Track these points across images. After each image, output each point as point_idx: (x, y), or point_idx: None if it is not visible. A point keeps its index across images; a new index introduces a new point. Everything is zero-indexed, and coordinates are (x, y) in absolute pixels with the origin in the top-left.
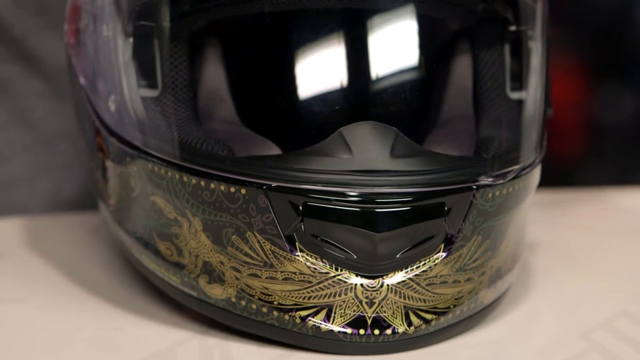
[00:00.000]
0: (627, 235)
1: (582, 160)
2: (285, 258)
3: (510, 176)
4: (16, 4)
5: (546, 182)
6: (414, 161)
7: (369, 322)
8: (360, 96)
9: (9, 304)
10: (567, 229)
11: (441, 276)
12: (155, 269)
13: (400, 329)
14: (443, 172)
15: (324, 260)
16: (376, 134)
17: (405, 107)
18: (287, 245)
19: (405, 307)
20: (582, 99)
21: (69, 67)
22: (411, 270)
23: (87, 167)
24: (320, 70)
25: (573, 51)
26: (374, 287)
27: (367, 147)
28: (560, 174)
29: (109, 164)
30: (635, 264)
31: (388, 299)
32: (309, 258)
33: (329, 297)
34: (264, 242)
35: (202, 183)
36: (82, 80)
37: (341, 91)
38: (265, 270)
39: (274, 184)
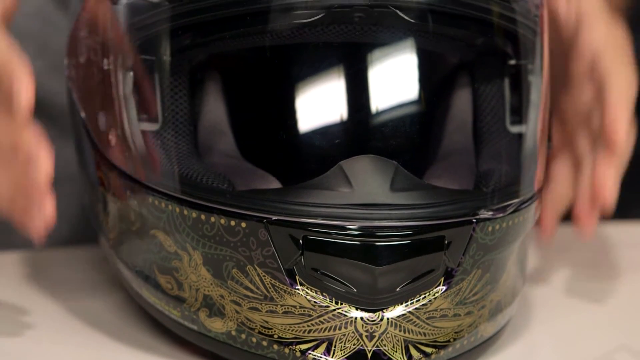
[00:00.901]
0: (626, 268)
1: None
2: (285, 291)
3: (510, 209)
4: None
5: None
6: (413, 195)
7: (369, 355)
8: (360, 130)
9: (7, 338)
10: (566, 262)
11: (441, 310)
12: (156, 303)
13: None
14: (443, 206)
15: (324, 293)
16: (376, 168)
17: (405, 141)
18: (287, 278)
19: (405, 340)
20: None
21: (70, 101)
22: (411, 303)
23: (87, 200)
24: (320, 104)
25: None
26: (374, 320)
27: (367, 180)
28: None
29: (109, 197)
30: (634, 298)
31: (388, 333)
32: (309, 291)
33: (329, 331)
34: (264, 276)
35: (203, 217)
36: (82, 114)
37: (341, 125)
38: (266, 304)
39: (274, 218)
